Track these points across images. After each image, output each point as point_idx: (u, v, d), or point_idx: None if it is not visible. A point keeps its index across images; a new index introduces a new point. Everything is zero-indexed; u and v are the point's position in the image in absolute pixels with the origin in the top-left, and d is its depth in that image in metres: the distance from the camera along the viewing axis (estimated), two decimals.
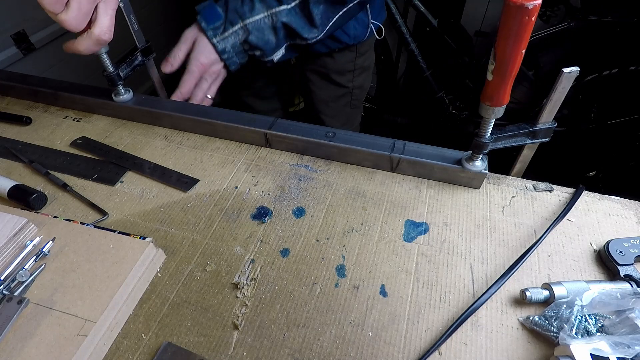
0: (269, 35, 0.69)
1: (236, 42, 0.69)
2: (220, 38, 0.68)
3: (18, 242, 0.46)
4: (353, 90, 1.00)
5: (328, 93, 0.98)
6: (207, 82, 0.72)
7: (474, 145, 0.52)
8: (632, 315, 0.38)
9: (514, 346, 0.41)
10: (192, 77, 0.70)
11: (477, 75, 1.78)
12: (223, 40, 0.68)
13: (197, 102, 0.73)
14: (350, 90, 0.99)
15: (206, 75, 0.71)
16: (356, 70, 0.96)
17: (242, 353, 0.41)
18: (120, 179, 0.60)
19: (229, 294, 0.46)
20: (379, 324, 0.43)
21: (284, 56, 0.74)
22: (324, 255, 0.49)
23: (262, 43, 0.69)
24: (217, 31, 0.68)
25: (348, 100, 1.02)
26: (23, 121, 0.70)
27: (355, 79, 0.98)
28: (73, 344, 0.39)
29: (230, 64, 0.71)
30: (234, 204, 0.56)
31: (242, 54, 0.71)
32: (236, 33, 0.68)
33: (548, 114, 0.51)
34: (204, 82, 0.72)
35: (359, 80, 0.99)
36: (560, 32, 1.54)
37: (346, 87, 0.98)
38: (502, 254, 0.49)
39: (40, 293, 0.43)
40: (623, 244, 0.46)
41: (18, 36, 1.48)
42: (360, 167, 0.61)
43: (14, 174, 0.61)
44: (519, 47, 0.39)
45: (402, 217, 0.53)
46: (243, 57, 0.71)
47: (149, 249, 0.46)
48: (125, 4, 0.59)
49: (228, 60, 0.70)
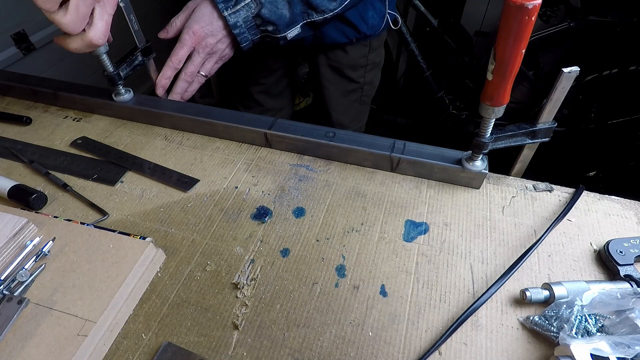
0: (283, 8, 0.65)
1: (248, 15, 0.64)
2: (232, 11, 0.63)
3: (18, 242, 0.46)
4: (364, 86, 1.01)
5: (340, 88, 0.98)
6: (199, 56, 0.66)
7: (474, 145, 0.52)
8: (632, 315, 0.38)
9: (514, 346, 0.41)
10: (183, 46, 0.65)
11: (477, 75, 1.78)
12: (235, 14, 0.63)
13: (188, 75, 0.68)
14: (361, 85, 1.00)
15: (199, 48, 0.66)
16: (368, 66, 0.97)
17: (242, 353, 0.41)
18: (120, 179, 0.60)
19: (229, 294, 0.46)
20: (379, 324, 0.43)
21: (299, 34, 0.70)
22: (324, 255, 0.49)
23: (275, 17, 0.65)
24: (229, 3, 0.63)
25: (358, 96, 1.03)
26: (23, 121, 0.70)
27: (366, 74, 0.99)
28: (73, 344, 0.39)
29: (242, 40, 0.66)
30: (234, 204, 0.56)
31: (254, 30, 0.66)
32: (248, 6, 0.64)
33: (548, 114, 0.51)
34: (196, 55, 0.66)
35: (369, 76, 1.00)
36: (560, 32, 1.54)
37: (357, 82, 0.99)
38: (502, 254, 0.49)
39: (40, 293, 0.43)
40: (623, 244, 0.46)
41: (18, 36, 1.48)
42: (360, 167, 0.61)
43: (14, 174, 0.61)
44: (519, 47, 0.39)
45: (402, 217, 0.53)
46: (255, 34, 0.66)
47: (149, 249, 0.46)
48: (125, 4, 0.59)
49: (240, 35, 0.65)
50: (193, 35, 0.64)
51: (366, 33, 0.88)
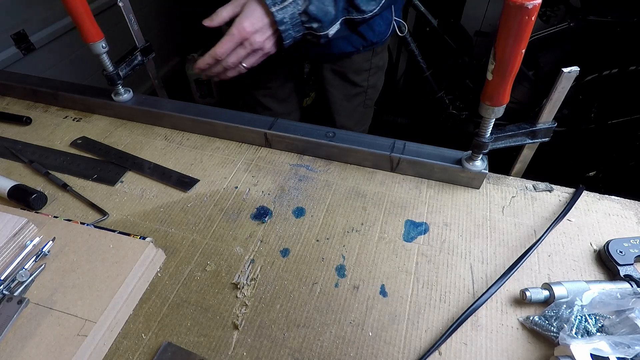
0: (329, 5, 0.66)
1: (295, 12, 0.64)
2: (280, 7, 0.63)
3: (18, 242, 0.46)
4: (367, 89, 1.01)
5: (343, 92, 0.98)
6: (244, 50, 0.67)
7: (474, 145, 0.52)
8: (632, 315, 0.38)
9: (514, 346, 0.41)
10: (231, 40, 0.65)
11: (477, 75, 1.78)
12: (282, 10, 0.64)
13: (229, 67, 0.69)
14: (365, 89, 1.00)
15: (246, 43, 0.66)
16: (372, 70, 0.97)
17: (242, 353, 0.41)
18: (120, 179, 0.60)
19: (229, 294, 0.46)
20: (379, 324, 0.43)
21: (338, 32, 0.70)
22: (324, 255, 0.49)
23: (321, 14, 0.65)
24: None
25: (362, 100, 1.03)
26: (23, 121, 0.70)
27: (370, 78, 0.99)
28: (73, 344, 0.39)
29: (286, 37, 0.66)
30: (234, 204, 0.56)
31: (298, 27, 0.66)
32: (296, 2, 0.64)
33: (548, 114, 0.51)
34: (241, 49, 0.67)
35: (373, 80, 1.00)
36: (560, 32, 1.54)
37: (361, 86, 0.99)
38: (502, 254, 0.49)
39: (40, 293, 0.43)
40: (623, 244, 0.46)
41: (18, 36, 1.48)
42: (360, 167, 0.61)
43: (14, 174, 0.61)
44: (519, 47, 0.39)
45: (402, 217, 0.53)
46: (299, 31, 0.67)
47: (149, 249, 0.46)
48: (125, 4, 0.60)
49: (284, 32, 0.66)
50: (243, 31, 0.65)
51: (373, 41, 0.88)
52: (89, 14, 0.58)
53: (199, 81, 2.17)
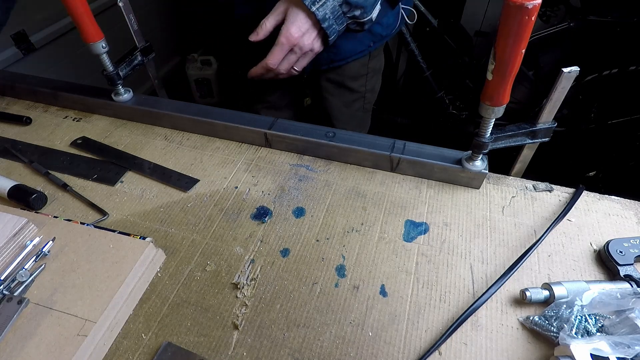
0: None
1: (335, 5, 0.65)
2: (319, 5, 0.64)
3: (18, 242, 0.46)
4: (365, 94, 1.00)
5: (342, 99, 0.98)
6: (295, 55, 0.69)
7: (474, 145, 0.52)
8: (632, 315, 0.38)
9: (514, 346, 0.41)
10: (281, 49, 0.67)
11: (477, 75, 1.78)
12: (322, 7, 0.64)
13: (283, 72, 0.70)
14: (362, 94, 1.00)
15: (296, 48, 0.67)
16: (369, 74, 0.97)
17: (242, 353, 0.41)
18: (120, 179, 0.60)
19: (229, 294, 0.46)
20: (379, 324, 0.43)
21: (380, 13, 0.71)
22: (324, 255, 0.49)
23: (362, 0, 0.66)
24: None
25: (361, 105, 1.03)
26: (23, 121, 0.70)
27: (367, 82, 0.98)
28: (73, 344, 0.39)
29: (331, 32, 0.67)
30: (234, 204, 0.56)
31: (341, 19, 0.67)
32: None
33: (548, 114, 0.51)
34: (292, 54, 0.68)
35: (370, 84, 0.99)
36: (560, 32, 1.54)
37: (359, 91, 0.98)
38: (502, 254, 0.49)
39: (40, 293, 0.43)
40: (623, 244, 0.46)
41: (18, 36, 1.48)
42: (360, 167, 0.61)
43: (14, 174, 0.61)
44: (519, 47, 0.39)
45: (402, 217, 0.53)
46: (342, 23, 0.68)
47: (149, 249, 0.46)
48: (125, 4, 0.60)
49: (329, 28, 0.66)
50: (291, 37, 0.66)
51: (382, 34, 0.87)
52: (89, 14, 0.58)
53: (199, 81, 2.18)
